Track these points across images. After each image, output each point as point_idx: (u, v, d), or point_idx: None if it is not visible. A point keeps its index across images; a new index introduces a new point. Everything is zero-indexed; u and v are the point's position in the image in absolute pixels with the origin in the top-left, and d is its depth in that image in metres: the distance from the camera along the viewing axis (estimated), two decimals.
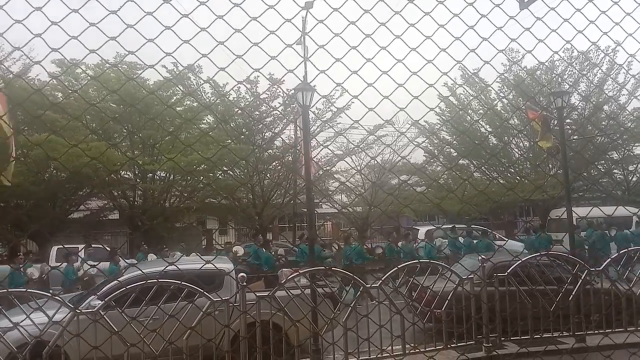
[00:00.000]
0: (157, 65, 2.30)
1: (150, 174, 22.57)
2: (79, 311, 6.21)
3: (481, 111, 26.40)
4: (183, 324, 4.92)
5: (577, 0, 2.43)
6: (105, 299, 6.65)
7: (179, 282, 6.36)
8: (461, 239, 16.69)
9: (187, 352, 6.50)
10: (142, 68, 2.56)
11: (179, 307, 6.13)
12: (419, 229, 23.64)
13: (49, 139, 15.17)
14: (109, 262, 13.17)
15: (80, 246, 16.03)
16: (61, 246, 13.36)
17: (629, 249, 9.71)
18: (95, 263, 6.63)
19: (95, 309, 6.39)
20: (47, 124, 14.54)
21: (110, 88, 14.81)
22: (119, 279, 8.02)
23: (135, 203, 22.73)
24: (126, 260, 13.91)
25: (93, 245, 17.31)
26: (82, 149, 4.33)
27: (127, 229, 24.83)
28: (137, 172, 22.66)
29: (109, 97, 18.20)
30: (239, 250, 15.64)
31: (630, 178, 28.31)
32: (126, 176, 22.54)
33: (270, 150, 24.96)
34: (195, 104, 21.84)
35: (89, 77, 18.64)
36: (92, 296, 7.87)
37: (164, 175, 23.02)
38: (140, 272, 7.31)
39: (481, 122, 26.77)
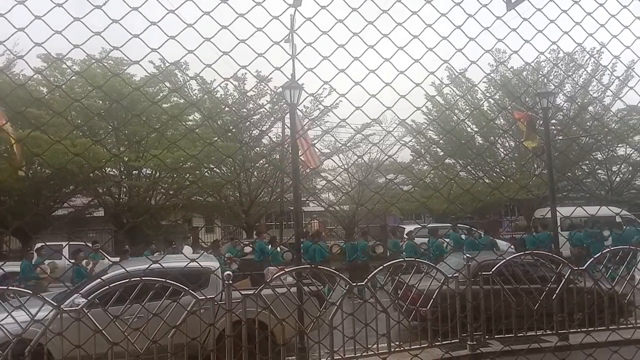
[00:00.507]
0: (143, 61, 2.27)
1: (135, 171, 22.40)
2: (62, 309, 6.14)
3: (467, 111, 26.57)
4: (167, 322, 4.89)
5: (563, 1, 2.45)
6: (89, 297, 6.59)
7: (164, 280, 6.32)
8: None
9: (171, 350, 6.46)
10: (128, 64, 2.53)
11: (163, 306, 6.09)
12: (405, 228, 23.74)
13: (33, 135, 14.97)
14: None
15: (64, 243, 15.83)
16: (43, 244, 13.19)
17: (611, 248, 9.85)
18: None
19: (79, 307, 6.33)
20: (32, 120, 14.33)
21: (95, 84, 14.65)
22: (102, 277, 7.94)
23: (121, 200, 22.55)
24: (109, 258, 13.75)
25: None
26: (66, 145, 4.28)
27: (112, 226, 24.62)
28: (122, 169, 22.47)
29: (95, 93, 18.01)
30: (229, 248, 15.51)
31: (613, 178, 28.69)
32: (111, 173, 22.36)
33: (257, 148, 24.90)
34: (181, 101, 21.70)
35: (74, 73, 18.43)
36: (76, 294, 7.79)
37: (150, 172, 22.85)
38: (124, 270, 7.25)
39: (467, 122, 26.94)
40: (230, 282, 7.33)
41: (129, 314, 5.96)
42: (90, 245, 14.96)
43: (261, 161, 24.22)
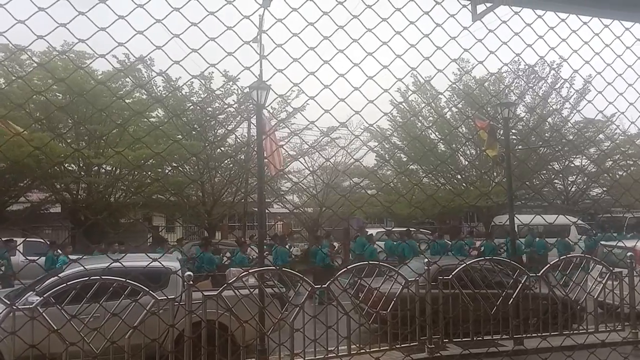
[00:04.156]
0: (107, 55, 2.23)
1: (95, 167, 21.87)
2: (15, 307, 5.95)
3: (431, 118, 26.99)
4: (126, 322, 4.80)
5: (527, 15, 2.53)
6: (44, 295, 6.40)
7: (123, 279, 6.19)
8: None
9: (129, 351, 6.33)
10: (92, 57, 2.48)
11: (122, 305, 5.97)
12: (368, 231, 23.92)
13: None
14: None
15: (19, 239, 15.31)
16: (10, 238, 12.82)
17: (567, 255, 10.17)
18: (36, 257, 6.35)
19: (33, 305, 6.14)
20: None
21: (57, 76, 14.24)
22: (59, 275, 7.73)
23: (79, 197, 21.97)
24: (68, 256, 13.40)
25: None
26: (24, 138, 4.15)
27: (69, 223, 23.95)
28: (81, 165, 21.90)
29: (55, 86, 17.51)
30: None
31: (569, 188, 29.60)
32: (70, 168, 21.76)
33: (222, 148, 24.67)
34: (145, 97, 21.32)
35: (34, 64, 17.88)
36: (30, 292, 7.55)
37: (110, 169, 22.35)
38: (82, 268, 7.07)
39: (431, 129, 27.36)
40: (191, 282, 7.25)
41: (86, 314, 5.81)
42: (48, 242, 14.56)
43: (226, 161, 24.00)
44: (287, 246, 15.90)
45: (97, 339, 5.16)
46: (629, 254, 9.80)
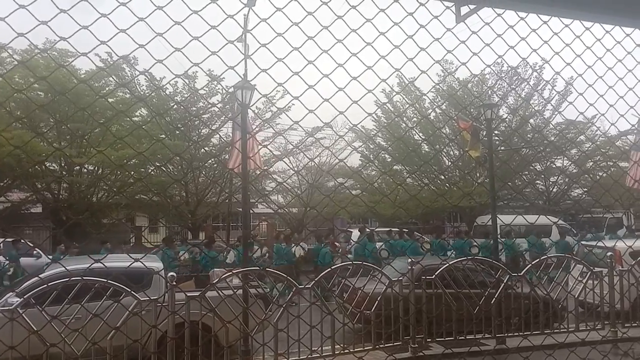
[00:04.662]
0: (90, 53, 2.21)
1: (77, 167, 21.60)
2: None
3: (415, 119, 27.14)
4: (107, 323, 4.75)
5: (510, 17, 2.55)
6: (24, 296, 6.31)
7: (105, 279, 6.13)
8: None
9: (111, 352, 6.27)
10: (74, 56, 2.45)
11: (104, 306, 5.90)
12: (352, 231, 24.00)
13: None
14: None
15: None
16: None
17: (548, 255, 10.31)
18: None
19: (13, 306, 6.04)
20: None
21: (38, 75, 14.03)
22: (39, 276, 7.62)
23: (60, 197, 21.69)
24: (48, 256, 13.24)
25: None
26: (4, 137, 4.08)
27: (50, 223, 23.64)
28: (63, 165, 21.62)
29: (37, 84, 17.27)
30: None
31: (551, 189, 29.96)
32: (51, 168, 21.47)
33: (206, 148, 24.53)
34: (128, 96, 21.12)
35: (15, 62, 17.62)
36: (10, 293, 7.44)
37: (93, 168, 22.10)
38: (63, 268, 6.98)
39: (415, 130, 27.51)
40: (174, 283, 7.20)
41: (67, 315, 5.73)
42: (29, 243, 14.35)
43: (210, 161, 23.87)
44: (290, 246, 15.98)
45: (79, 340, 5.09)
46: (608, 253, 9.96)
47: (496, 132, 24.52)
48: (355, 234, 22.86)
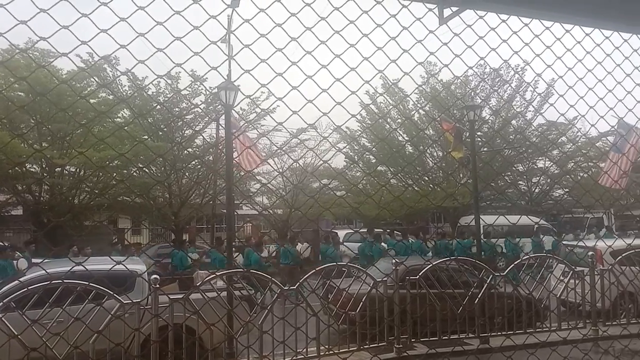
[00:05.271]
0: (71, 54, 2.18)
1: (58, 169, 21.30)
2: None
3: (399, 120, 27.26)
4: (90, 327, 4.68)
5: (492, 19, 2.58)
6: (4, 300, 6.20)
7: (86, 282, 6.05)
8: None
9: (93, 356, 6.19)
10: (55, 56, 2.42)
11: (86, 310, 5.83)
12: (337, 232, 24.07)
13: None
14: None
15: None
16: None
17: (530, 255, 10.42)
18: None
19: None
20: None
21: (18, 75, 13.83)
22: (20, 279, 7.50)
23: (42, 199, 21.37)
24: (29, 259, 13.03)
25: None
26: None
27: (31, 225, 23.28)
28: (44, 166, 21.32)
29: (17, 84, 16.99)
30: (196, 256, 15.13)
31: (533, 189, 30.30)
32: (32, 170, 21.14)
33: (189, 149, 24.36)
34: (110, 97, 20.90)
35: None
36: None
37: (74, 170, 21.82)
38: (44, 271, 6.88)
39: (399, 131, 27.63)
40: (157, 285, 7.14)
41: (49, 319, 5.66)
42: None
43: (193, 162, 23.71)
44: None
45: (61, 344, 5.03)
46: (590, 253, 10.10)
47: (479, 133, 24.73)
48: (341, 235, 22.96)
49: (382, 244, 16.19)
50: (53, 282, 6.00)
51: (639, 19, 2.47)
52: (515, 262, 10.05)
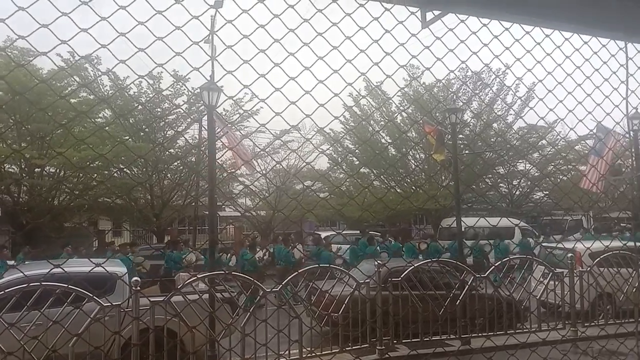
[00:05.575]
0: (51, 53, 2.15)
1: (38, 169, 20.98)
2: None
3: (382, 122, 27.38)
4: (69, 330, 4.62)
5: (473, 23, 2.60)
6: None
7: (65, 285, 5.96)
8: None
9: None
10: (35, 55, 2.38)
11: (65, 313, 5.74)
12: (320, 234, 24.04)
13: None
14: None
15: None
16: None
17: (510, 257, 10.53)
18: None
19: None
20: None
21: None
22: None
23: (20, 200, 21.02)
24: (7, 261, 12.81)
25: None
26: None
27: (9, 227, 22.88)
28: (23, 167, 20.97)
29: None
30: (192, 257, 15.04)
31: (513, 192, 30.64)
32: (11, 170, 20.79)
33: (171, 150, 24.17)
34: (91, 97, 20.64)
35: None
36: None
37: (54, 170, 21.51)
38: (21, 274, 6.76)
39: (382, 133, 27.74)
40: (138, 288, 7.06)
41: (27, 322, 5.56)
42: None
43: (175, 163, 23.53)
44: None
45: (39, 348, 4.94)
46: (569, 255, 10.24)
47: (460, 136, 24.93)
48: (324, 236, 22.96)
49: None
50: (31, 284, 5.91)
51: (616, 25, 2.52)
52: (497, 264, 10.14)
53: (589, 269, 9.61)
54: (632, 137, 11.40)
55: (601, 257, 9.47)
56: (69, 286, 6.01)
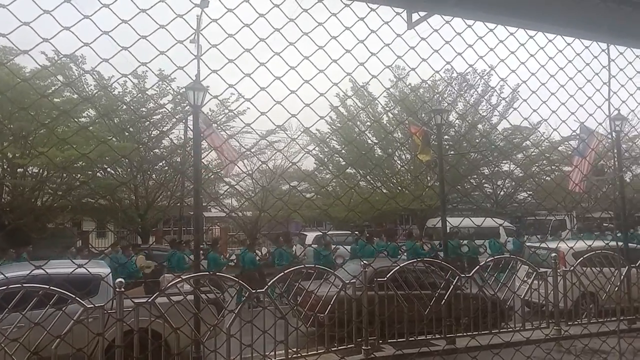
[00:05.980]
0: (35, 51, 2.12)
1: (20, 169, 20.69)
2: None
3: (368, 123, 27.44)
4: (51, 332, 4.56)
5: (458, 25, 2.61)
6: None
7: (48, 287, 5.89)
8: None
9: None
10: (16, 53, 2.34)
11: (47, 314, 5.66)
12: (306, 235, 24.08)
13: None
14: None
15: None
16: None
17: (495, 257, 10.60)
18: None
19: None
20: None
21: None
22: None
23: (2, 200, 20.72)
24: None
25: None
26: None
27: None
28: (5, 166, 20.68)
29: None
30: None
31: (498, 192, 30.91)
32: None
33: (156, 150, 23.99)
34: (75, 96, 20.41)
35: None
36: None
37: (37, 170, 21.23)
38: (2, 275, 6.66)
39: (368, 134, 27.81)
40: (122, 289, 6.99)
41: (8, 324, 5.48)
42: None
43: (160, 163, 23.36)
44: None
45: (20, 350, 4.87)
46: (553, 254, 10.35)
47: (446, 136, 25.07)
48: (310, 237, 22.98)
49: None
50: (10, 286, 5.83)
51: (600, 27, 2.55)
52: (482, 264, 10.21)
53: (572, 268, 9.72)
54: (614, 137, 11.56)
55: (584, 256, 9.59)
56: (51, 287, 5.93)
